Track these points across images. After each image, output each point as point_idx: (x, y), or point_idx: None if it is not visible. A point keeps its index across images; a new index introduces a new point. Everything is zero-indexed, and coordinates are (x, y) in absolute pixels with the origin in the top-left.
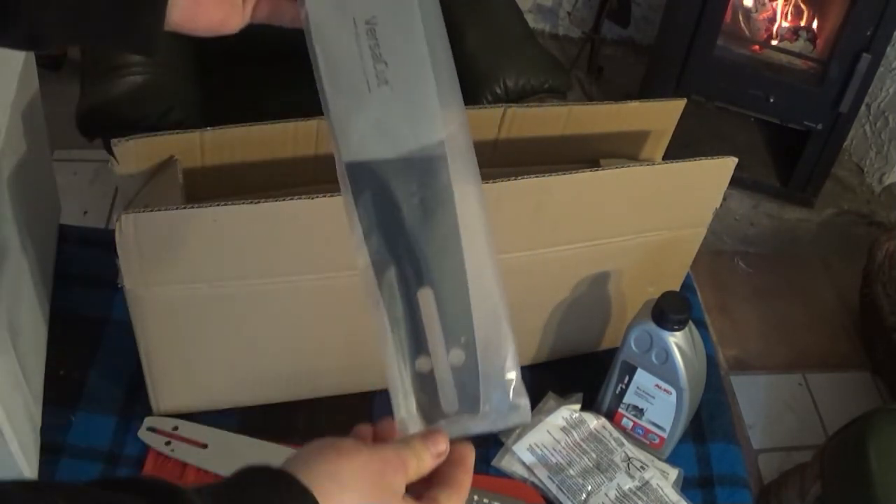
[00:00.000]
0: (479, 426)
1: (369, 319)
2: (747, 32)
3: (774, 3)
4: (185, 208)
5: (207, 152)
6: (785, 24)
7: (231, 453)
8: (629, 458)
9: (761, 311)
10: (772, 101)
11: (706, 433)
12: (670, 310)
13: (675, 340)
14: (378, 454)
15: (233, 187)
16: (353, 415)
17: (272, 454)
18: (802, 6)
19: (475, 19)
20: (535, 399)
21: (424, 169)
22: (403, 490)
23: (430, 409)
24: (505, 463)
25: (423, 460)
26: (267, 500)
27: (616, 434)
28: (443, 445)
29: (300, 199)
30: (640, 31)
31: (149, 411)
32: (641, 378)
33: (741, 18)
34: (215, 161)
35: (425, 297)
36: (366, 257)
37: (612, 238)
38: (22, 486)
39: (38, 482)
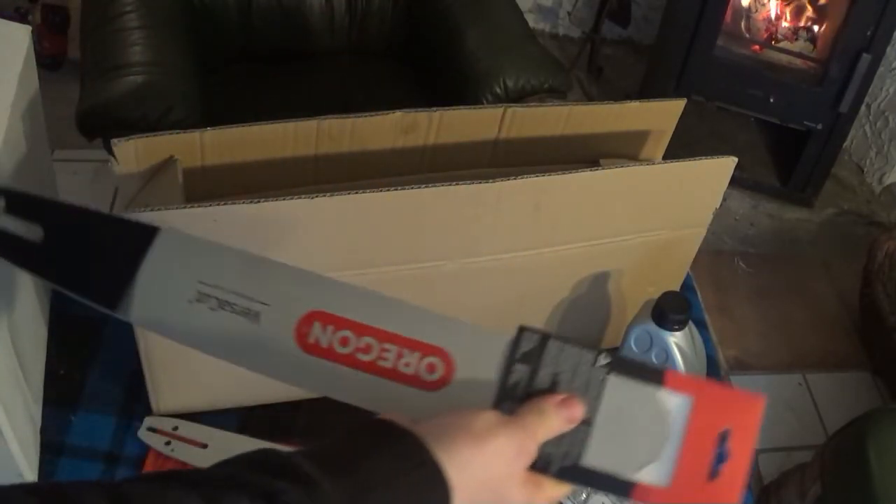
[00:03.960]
0: None
1: None
2: (747, 32)
3: (774, 3)
4: (185, 208)
5: (207, 152)
6: (785, 24)
7: (231, 453)
8: None
9: (761, 311)
10: (772, 101)
11: None
12: (670, 310)
13: (675, 340)
14: (515, 438)
15: (233, 187)
16: (354, 415)
17: None
18: (802, 6)
19: (475, 19)
20: None
21: None
22: (527, 464)
23: None
24: None
25: (554, 427)
26: (406, 492)
27: None
28: (578, 411)
29: (300, 199)
30: (640, 31)
31: (149, 411)
32: None
33: (741, 18)
34: (215, 161)
35: None
36: None
37: (612, 238)
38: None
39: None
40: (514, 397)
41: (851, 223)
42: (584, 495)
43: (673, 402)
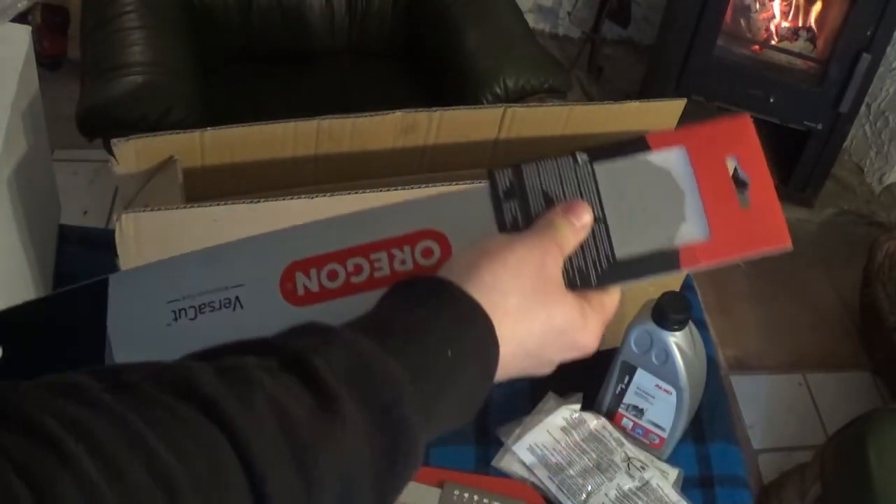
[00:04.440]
0: None
1: None
2: (747, 32)
3: (774, 3)
4: (185, 208)
5: (207, 152)
6: (785, 24)
7: None
8: (629, 458)
9: (761, 311)
10: (772, 101)
11: (706, 433)
12: (670, 310)
13: (675, 340)
14: (535, 244)
15: (233, 187)
16: None
17: None
18: (802, 6)
19: (475, 19)
20: (536, 399)
21: None
22: (560, 275)
23: None
24: (505, 463)
25: (569, 237)
26: (440, 331)
27: (616, 434)
28: (584, 212)
29: (300, 198)
30: (640, 31)
31: None
32: (641, 378)
33: (741, 18)
34: (215, 161)
35: None
36: None
37: None
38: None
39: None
40: (517, 227)
41: (851, 223)
42: (584, 495)
43: (668, 158)
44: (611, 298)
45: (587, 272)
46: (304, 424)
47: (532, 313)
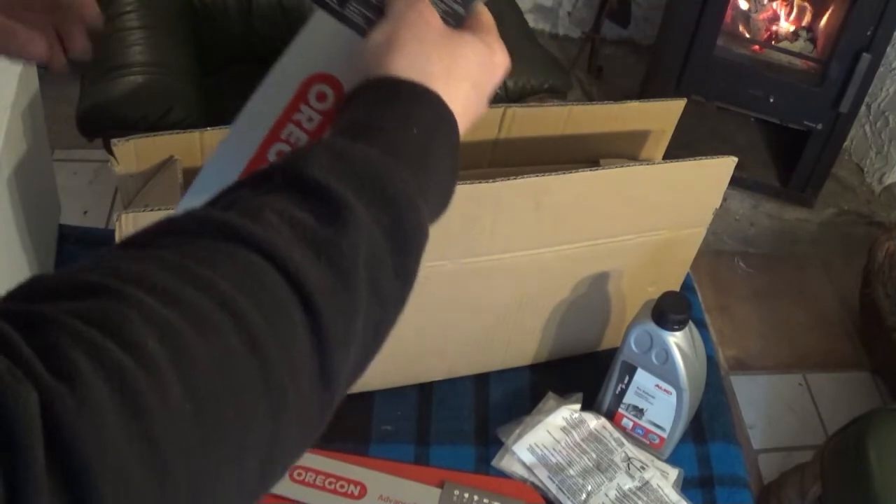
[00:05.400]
0: None
1: None
2: (747, 33)
3: (774, 4)
4: None
5: (207, 152)
6: (785, 25)
7: None
8: (629, 458)
9: (761, 311)
10: (772, 101)
11: (706, 433)
12: (670, 310)
13: (675, 340)
14: (407, 16)
15: None
16: (352, 414)
17: None
18: (802, 6)
19: None
20: (536, 399)
21: None
22: (444, 24)
23: None
24: (505, 463)
25: None
26: (396, 115)
27: (616, 434)
28: None
29: None
30: (640, 31)
31: None
32: (641, 378)
33: (741, 18)
34: None
35: None
36: None
37: (612, 238)
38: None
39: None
40: (373, 20)
41: (851, 223)
42: (584, 495)
43: None
44: (484, 15)
45: (452, 8)
46: (317, 225)
47: (451, 65)
